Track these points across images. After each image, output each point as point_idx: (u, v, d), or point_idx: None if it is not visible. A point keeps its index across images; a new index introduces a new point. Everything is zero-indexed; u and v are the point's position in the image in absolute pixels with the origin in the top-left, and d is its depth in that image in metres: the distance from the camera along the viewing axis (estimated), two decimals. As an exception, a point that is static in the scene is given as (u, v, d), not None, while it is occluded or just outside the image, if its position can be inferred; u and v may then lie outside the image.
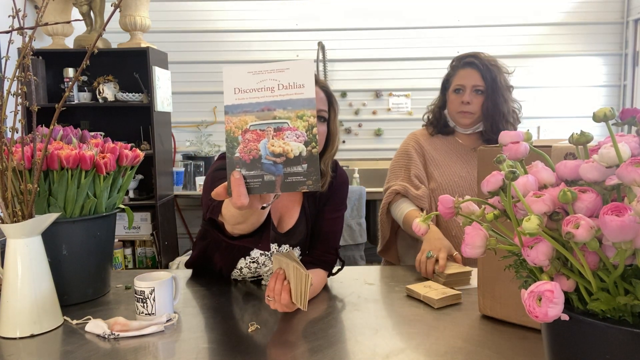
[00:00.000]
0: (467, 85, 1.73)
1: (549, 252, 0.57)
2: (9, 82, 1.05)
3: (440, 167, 1.78)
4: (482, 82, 1.72)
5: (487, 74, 1.71)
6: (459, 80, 1.76)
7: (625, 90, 4.08)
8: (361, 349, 1.00)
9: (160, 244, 3.45)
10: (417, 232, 0.72)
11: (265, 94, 0.85)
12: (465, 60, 1.76)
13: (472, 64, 1.74)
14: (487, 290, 1.13)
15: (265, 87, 0.85)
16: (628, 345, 0.54)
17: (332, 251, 1.40)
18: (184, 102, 4.06)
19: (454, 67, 1.81)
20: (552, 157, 0.88)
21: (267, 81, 0.85)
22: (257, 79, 0.86)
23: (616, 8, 4.06)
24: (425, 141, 1.84)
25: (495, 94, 1.71)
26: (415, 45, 4.07)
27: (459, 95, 1.76)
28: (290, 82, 0.85)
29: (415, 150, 1.82)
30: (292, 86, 0.84)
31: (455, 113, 1.78)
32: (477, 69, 1.73)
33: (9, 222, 1.09)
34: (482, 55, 1.76)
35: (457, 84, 1.76)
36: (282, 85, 0.85)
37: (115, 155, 1.30)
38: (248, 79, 0.86)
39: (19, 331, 1.07)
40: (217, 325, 1.14)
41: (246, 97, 0.86)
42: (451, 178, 1.76)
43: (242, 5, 4.06)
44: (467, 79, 1.74)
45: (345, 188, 1.45)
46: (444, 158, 1.80)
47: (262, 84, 0.85)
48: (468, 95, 1.73)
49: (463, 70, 1.76)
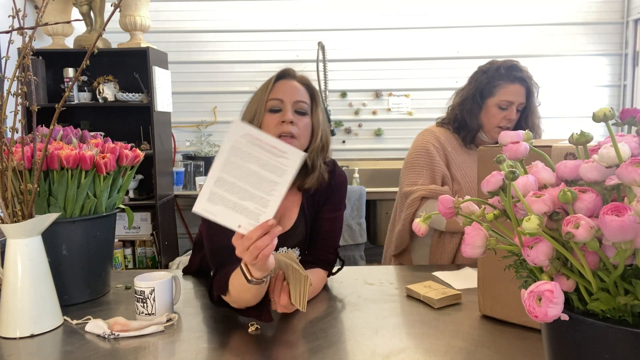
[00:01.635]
0: (515, 103, 1.66)
1: (549, 252, 0.57)
2: (9, 82, 1.05)
3: (462, 169, 1.73)
4: (525, 100, 1.67)
5: (530, 91, 1.67)
6: (507, 95, 1.67)
7: (625, 90, 4.08)
8: (361, 349, 1.00)
9: (160, 244, 3.45)
10: (417, 232, 0.72)
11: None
12: (516, 75, 1.67)
13: (521, 80, 1.67)
14: (487, 290, 1.12)
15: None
16: (628, 345, 0.54)
17: (332, 251, 1.40)
18: (184, 102, 4.06)
19: (499, 77, 1.69)
20: (552, 157, 0.88)
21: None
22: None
23: (616, 8, 4.06)
24: (446, 141, 1.76)
25: (531, 110, 1.69)
26: (415, 45, 4.07)
27: (504, 112, 1.67)
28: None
29: (437, 149, 1.74)
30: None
31: (493, 127, 1.70)
32: (524, 85, 1.67)
33: (9, 222, 1.09)
34: (524, 68, 1.70)
35: (506, 100, 1.67)
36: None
37: (115, 155, 1.30)
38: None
39: (19, 331, 1.07)
40: (217, 325, 1.14)
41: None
42: (474, 181, 1.70)
43: (242, 5, 4.06)
44: (516, 95, 1.66)
45: (344, 187, 1.45)
46: (465, 159, 1.75)
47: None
48: (514, 113, 1.66)
49: (512, 85, 1.67)
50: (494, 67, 1.71)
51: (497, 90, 1.68)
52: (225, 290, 1.11)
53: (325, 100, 3.88)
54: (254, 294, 1.08)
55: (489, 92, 1.70)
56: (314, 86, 1.35)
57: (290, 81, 1.32)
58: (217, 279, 1.15)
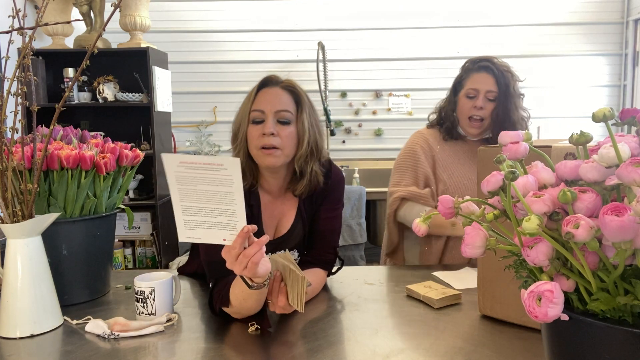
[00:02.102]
0: (481, 90, 1.68)
1: (548, 252, 0.57)
2: (9, 82, 1.05)
3: (449, 169, 1.75)
4: (496, 88, 1.67)
5: (502, 80, 1.67)
6: (472, 84, 1.70)
7: (625, 90, 4.08)
8: (361, 349, 1.00)
9: (160, 244, 3.45)
10: (417, 233, 0.72)
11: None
12: (481, 64, 1.71)
13: (487, 69, 1.69)
14: (487, 290, 1.13)
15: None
16: (628, 345, 0.54)
17: (331, 250, 1.40)
18: (184, 102, 4.06)
19: (468, 70, 1.75)
20: (552, 157, 0.88)
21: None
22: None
23: (616, 8, 4.06)
24: (434, 142, 1.79)
25: (507, 101, 1.67)
26: (415, 45, 4.07)
27: (472, 100, 1.70)
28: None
29: (424, 151, 1.77)
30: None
31: (464, 118, 1.73)
32: (492, 74, 1.68)
33: (9, 222, 1.09)
34: (497, 60, 1.72)
35: (471, 88, 1.70)
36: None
37: (115, 155, 1.30)
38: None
39: (19, 331, 1.07)
40: (217, 325, 1.14)
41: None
42: (460, 180, 1.73)
43: (242, 5, 4.06)
44: (482, 83, 1.69)
45: (340, 187, 1.44)
46: (453, 160, 1.76)
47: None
48: (481, 101, 1.67)
49: (478, 74, 1.71)
50: (466, 63, 1.77)
51: (465, 81, 1.73)
52: (227, 302, 1.11)
53: (325, 100, 3.88)
54: (257, 299, 1.08)
55: (460, 86, 1.75)
56: (300, 90, 1.31)
57: (272, 89, 1.29)
58: (217, 291, 1.15)
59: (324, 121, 3.83)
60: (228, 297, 1.11)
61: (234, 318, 1.15)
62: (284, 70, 4.04)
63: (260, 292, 1.06)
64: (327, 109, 3.87)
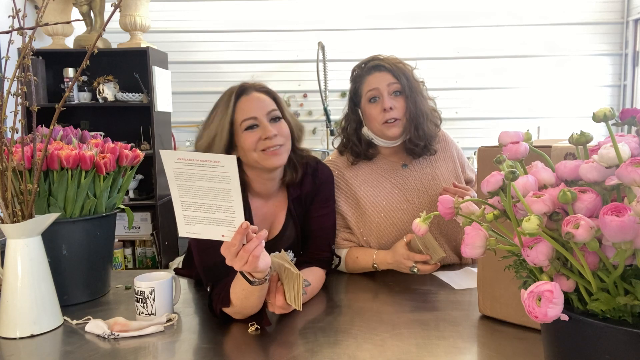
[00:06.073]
0: (382, 88, 1.48)
1: (548, 252, 0.57)
2: (9, 82, 1.05)
3: (365, 182, 1.54)
4: (396, 80, 1.48)
5: (398, 72, 1.49)
6: (370, 85, 1.50)
7: (625, 90, 4.08)
8: (361, 349, 1.00)
9: (160, 244, 3.45)
10: (417, 233, 0.72)
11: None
12: (370, 65, 1.53)
13: (378, 67, 1.51)
14: (487, 290, 1.12)
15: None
16: (628, 345, 0.54)
17: (326, 248, 1.40)
18: (184, 102, 4.06)
19: (359, 76, 1.54)
20: (552, 157, 0.88)
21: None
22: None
23: (616, 8, 4.06)
24: (348, 171, 1.56)
25: (414, 92, 1.49)
26: (415, 45, 4.07)
27: (377, 104, 1.48)
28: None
29: (339, 188, 1.53)
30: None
31: (379, 126, 1.48)
32: (385, 70, 1.49)
33: (9, 222, 1.09)
34: (384, 56, 1.54)
35: (370, 90, 1.49)
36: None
37: (115, 155, 1.30)
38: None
39: (19, 331, 1.07)
40: (217, 325, 1.14)
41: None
42: (377, 193, 1.53)
43: (242, 5, 4.06)
44: (380, 82, 1.49)
45: (329, 184, 1.44)
46: (366, 174, 1.55)
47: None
48: (388, 100, 1.46)
49: (371, 75, 1.51)
50: (354, 72, 1.59)
51: (361, 88, 1.53)
52: (228, 302, 1.11)
53: (325, 101, 3.88)
54: (258, 295, 1.08)
55: (357, 96, 1.55)
56: (270, 88, 1.34)
57: (252, 95, 1.29)
58: (217, 292, 1.15)
59: (324, 121, 3.83)
60: (228, 297, 1.10)
61: (233, 318, 1.15)
62: (284, 70, 4.04)
63: (262, 288, 1.06)
64: (327, 109, 3.87)
